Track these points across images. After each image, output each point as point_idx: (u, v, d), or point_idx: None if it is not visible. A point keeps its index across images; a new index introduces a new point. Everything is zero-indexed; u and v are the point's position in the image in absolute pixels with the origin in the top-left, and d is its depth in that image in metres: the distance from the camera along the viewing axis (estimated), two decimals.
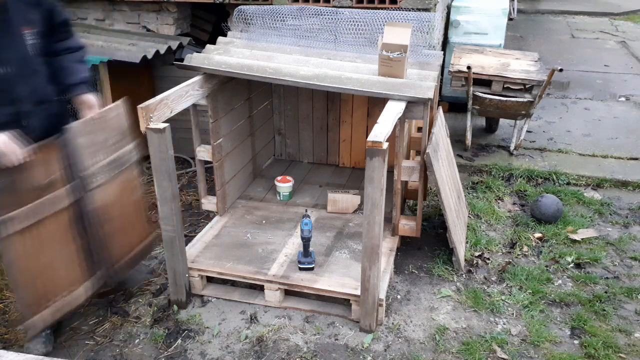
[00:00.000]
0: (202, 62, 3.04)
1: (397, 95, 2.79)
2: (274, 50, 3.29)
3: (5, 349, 2.29)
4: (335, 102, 4.01)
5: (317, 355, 2.62)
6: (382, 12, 3.34)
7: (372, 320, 2.73)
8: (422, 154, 2.99)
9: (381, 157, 2.37)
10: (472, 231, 3.59)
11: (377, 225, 2.50)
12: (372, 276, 2.61)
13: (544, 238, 3.55)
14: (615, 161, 4.52)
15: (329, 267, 2.98)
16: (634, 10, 10.43)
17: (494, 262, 3.31)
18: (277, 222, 3.43)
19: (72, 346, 2.71)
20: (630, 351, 2.65)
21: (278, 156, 4.37)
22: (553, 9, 10.50)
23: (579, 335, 2.76)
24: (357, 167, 4.15)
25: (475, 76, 4.22)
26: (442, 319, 2.86)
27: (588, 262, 3.31)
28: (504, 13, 4.96)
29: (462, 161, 4.45)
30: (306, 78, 2.89)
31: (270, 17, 3.41)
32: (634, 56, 7.56)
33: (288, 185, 3.70)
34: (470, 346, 2.66)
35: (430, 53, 3.22)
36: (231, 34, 3.55)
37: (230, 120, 3.44)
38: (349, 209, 3.53)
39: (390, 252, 3.13)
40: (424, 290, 3.08)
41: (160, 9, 4.64)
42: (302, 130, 4.20)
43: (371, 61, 3.08)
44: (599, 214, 3.83)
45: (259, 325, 2.80)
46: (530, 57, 4.64)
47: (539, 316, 2.88)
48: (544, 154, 4.66)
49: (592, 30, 9.06)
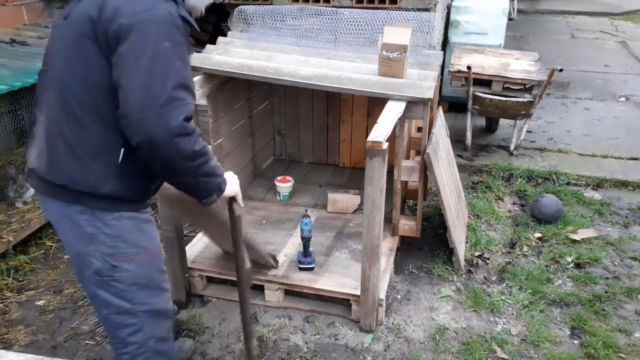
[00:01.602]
0: (202, 62, 3.03)
1: (397, 95, 2.78)
2: (274, 50, 3.29)
3: (5, 349, 2.30)
4: (335, 102, 4.01)
5: (317, 355, 2.62)
6: (382, 12, 3.34)
7: (372, 320, 2.73)
8: (422, 154, 2.99)
9: (381, 157, 2.37)
10: (472, 231, 3.59)
11: (377, 225, 2.50)
12: (372, 276, 2.61)
13: (544, 238, 3.55)
14: (615, 161, 4.52)
15: (329, 267, 2.98)
16: (634, 10, 10.43)
17: (494, 262, 3.31)
18: (277, 222, 3.43)
19: (72, 346, 2.71)
20: (630, 351, 2.65)
21: (278, 156, 4.37)
22: (553, 9, 10.50)
23: (579, 335, 2.76)
24: (357, 167, 4.15)
25: (475, 76, 4.22)
26: (442, 319, 2.86)
27: (588, 262, 3.31)
28: (504, 13, 4.96)
29: (462, 161, 4.45)
30: (306, 78, 2.89)
31: (270, 17, 3.41)
32: (634, 56, 7.56)
33: (288, 185, 3.70)
34: (470, 346, 2.66)
35: (430, 53, 3.22)
36: (231, 34, 3.55)
37: (230, 120, 3.44)
38: (349, 209, 3.53)
39: (390, 252, 3.13)
40: (424, 290, 3.08)
41: None
42: (302, 130, 4.20)
43: (371, 61, 3.08)
44: (599, 214, 3.83)
45: (259, 325, 2.80)
46: (530, 57, 4.64)
47: (539, 316, 2.88)
48: (544, 154, 4.66)
49: (592, 30, 9.07)
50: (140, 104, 1.53)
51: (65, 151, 1.66)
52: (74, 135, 1.65)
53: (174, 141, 1.54)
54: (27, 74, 3.40)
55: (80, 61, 1.63)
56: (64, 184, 1.68)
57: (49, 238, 3.54)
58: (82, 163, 1.66)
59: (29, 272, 3.27)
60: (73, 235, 1.76)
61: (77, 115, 1.64)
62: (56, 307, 2.98)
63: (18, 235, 3.31)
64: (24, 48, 4.02)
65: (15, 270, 3.24)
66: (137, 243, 1.80)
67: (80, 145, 1.65)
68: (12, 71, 3.46)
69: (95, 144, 1.66)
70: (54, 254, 3.44)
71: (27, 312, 2.94)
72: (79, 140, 1.65)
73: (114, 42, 1.57)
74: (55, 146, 1.67)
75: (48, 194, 1.74)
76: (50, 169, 1.69)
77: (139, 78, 1.54)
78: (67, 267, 3.33)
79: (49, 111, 1.70)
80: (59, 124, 1.67)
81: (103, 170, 1.67)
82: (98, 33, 1.59)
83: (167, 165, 1.61)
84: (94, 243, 1.74)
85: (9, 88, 3.19)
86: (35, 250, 3.43)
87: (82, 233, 1.73)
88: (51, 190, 1.72)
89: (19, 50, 3.95)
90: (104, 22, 1.58)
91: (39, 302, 3.02)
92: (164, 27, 1.59)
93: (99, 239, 1.73)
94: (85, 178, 1.67)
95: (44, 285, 3.15)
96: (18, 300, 3.03)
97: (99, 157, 1.66)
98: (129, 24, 1.55)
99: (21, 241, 3.36)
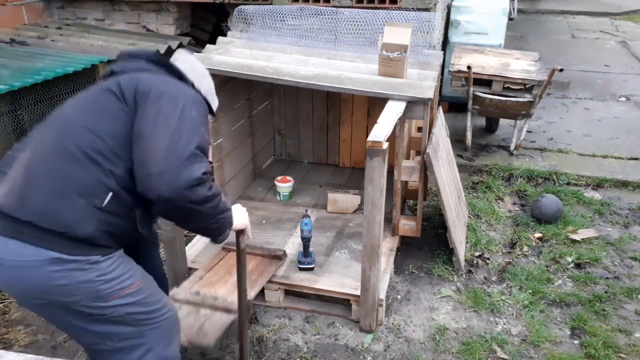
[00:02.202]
0: (202, 62, 3.02)
1: (397, 95, 2.78)
2: (274, 50, 3.29)
3: (5, 349, 2.30)
4: (335, 102, 4.01)
5: (317, 355, 2.62)
6: (382, 12, 3.34)
7: (372, 320, 2.73)
8: (422, 154, 2.99)
9: (381, 157, 2.37)
10: (472, 231, 3.59)
11: (377, 225, 2.50)
12: (372, 276, 2.61)
13: (544, 238, 3.55)
14: (616, 161, 4.52)
15: (329, 267, 2.98)
16: (634, 10, 10.42)
17: (494, 262, 3.30)
18: (277, 222, 3.43)
19: (72, 346, 2.70)
20: (631, 351, 2.64)
21: (278, 156, 4.37)
22: (553, 9, 10.50)
23: (579, 335, 2.76)
24: (357, 167, 4.15)
25: (476, 76, 4.22)
26: (442, 319, 2.86)
27: (588, 262, 3.31)
28: (504, 13, 4.96)
29: (462, 161, 4.45)
30: (306, 78, 2.89)
31: (270, 17, 3.41)
32: (634, 56, 7.56)
33: (288, 185, 3.70)
34: (470, 346, 2.66)
35: (430, 53, 3.22)
36: (231, 34, 3.55)
37: (230, 120, 3.44)
38: (349, 209, 3.53)
39: (390, 252, 3.12)
40: (424, 290, 3.08)
41: (160, 8, 4.65)
42: (302, 130, 4.20)
43: (371, 61, 3.08)
44: (599, 214, 3.83)
45: (258, 325, 2.80)
46: (531, 57, 4.63)
47: (539, 316, 2.87)
48: (544, 154, 4.66)
49: (593, 30, 9.06)
50: (165, 156, 1.58)
51: (46, 186, 1.59)
52: (65, 171, 1.61)
53: (194, 190, 1.59)
54: (27, 74, 3.40)
55: (98, 109, 1.70)
56: (31, 220, 1.56)
57: None
58: (64, 199, 1.59)
59: None
60: (44, 285, 1.61)
61: (74, 152, 1.62)
62: None
63: None
64: (23, 48, 4.02)
65: None
66: (121, 278, 1.72)
67: (68, 181, 1.60)
68: (11, 71, 3.46)
69: (85, 182, 1.61)
70: None
71: (27, 312, 2.93)
72: (68, 176, 1.61)
73: (142, 99, 1.69)
74: (34, 180, 1.61)
75: (10, 233, 1.59)
76: (19, 204, 1.59)
77: (165, 133, 1.62)
78: None
79: (38, 147, 1.67)
80: (49, 159, 1.63)
81: (86, 210, 1.60)
82: (126, 94, 1.71)
83: (184, 212, 1.63)
84: (72, 294, 1.62)
85: (8, 88, 3.19)
86: None
87: (56, 286, 1.61)
88: (15, 229, 1.58)
89: (18, 50, 3.96)
90: (133, 88, 1.72)
91: None
92: (191, 100, 1.76)
93: (78, 288, 1.62)
94: (59, 216, 1.58)
95: None
96: None
97: (86, 196, 1.60)
98: (159, 90, 1.71)
99: None
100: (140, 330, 1.79)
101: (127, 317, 1.75)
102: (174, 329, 1.95)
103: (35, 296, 1.64)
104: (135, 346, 1.80)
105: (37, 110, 3.99)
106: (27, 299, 1.69)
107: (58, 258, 1.57)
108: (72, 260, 1.59)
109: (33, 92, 3.83)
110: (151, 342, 1.83)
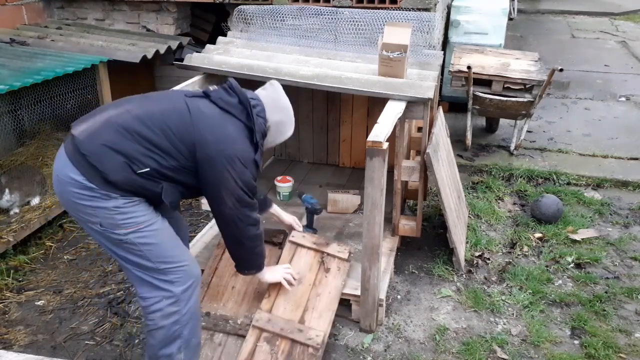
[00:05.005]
0: (202, 62, 3.03)
1: (397, 95, 2.78)
2: (274, 50, 3.29)
3: (5, 349, 2.30)
4: (335, 102, 4.01)
5: None
6: (382, 12, 3.34)
7: (372, 321, 2.73)
8: (422, 154, 2.99)
9: (381, 157, 2.37)
10: (472, 231, 3.59)
11: (377, 225, 2.50)
12: (372, 276, 2.60)
13: (544, 238, 3.55)
14: (616, 161, 4.52)
15: None
16: (634, 10, 10.42)
17: (494, 262, 3.30)
18: (277, 223, 3.41)
19: (72, 346, 2.71)
20: (631, 351, 2.64)
21: (278, 156, 4.36)
22: (553, 9, 10.49)
23: (579, 335, 2.76)
24: (357, 167, 4.14)
25: (476, 76, 4.22)
26: (442, 319, 2.86)
27: (588, 262, 3.31)
28: (504, 13, 4.96)
29: (462, 161, 4.45)
30: (306, 78, 2.89)
31: (270, 17, 3.41)
32: (634, 56, 7.56)
33: (288, 185, 3.69)
34: (470, 346, 2.66)
35: (430, 53, 3.22)
36: (231, 33, 3.55)
37: None
38: (349, 209, 3.53)
39: (390, 252, 3.12)
40: (424, 290, 3.08)
41: (160, 8, 4.64)
42: (302, 130, 4.20)
43: (371, 61, 3.08)
44: (599, 214, 3.83)
45: None
46: (531, 57, 4.63)
47: (539, 316, 2.87)
48: (544, 154, 4.66)
49: (593, 30, 9.06)
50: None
51: (108, 137, 1.98)
52: (126, 138, 1.99)
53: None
54: (27, 74, 3.40)
55: (178, 116, 2.07)
56: (86, 154, 1.97)
57: (48, 238, 3.54)
58: (113, 152, 1.97)
59: (29, 272, 3.27)
60: (75, 203, 2.04)
61: (144, 134, 2.00)
62: (56, 307, 2.98)
63: (18, 235, 3.31)
64: (23, 48, 4.01)
65: (15, 270, 3.24)
66: (134, 216, 2.05)
67: (124, 146, 1.98)
68: (11, 71, 3.45)
69: (134, 154, 1.99)
70: (54, 254, 3.44)
71: (27, 312, 2.94)
72: (126, 143, 1.99)
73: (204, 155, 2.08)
74: (104, 130, 2.01)
75: (71, 157, 2.02)
76: (86, 139, 1.99)
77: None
78: (66, 267, 3.33)
79: (122, 113, 2.05)
80: (124, 124, 2.00)
81: (123, 167, 1.98)
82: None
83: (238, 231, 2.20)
84: (95, 215, 2.02)
85: (8, 88, 3.18)
86: (35, 251, 3.43)
87: (83, 205, 2.02)
88: (75, 156, 2.00)
89: (18, 50, 3.95)
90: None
91: (39, 302, 3.02)
92: (244, 163, 2.11)
93: (98, 213, 2.01)
94: (103, 161, 1.97)
95: (43, 286, 3.15)
96: (18, 300, 3.03)
97: (127, 159, 1.99)
98: (220, 150, 2.07)
99: (21, 241, 3.36)
100: (159, 269, 2.09)
101: (145, 251, 2.07)
102: (195, 281, 2.19)
103: (72, 210, 2.08)
104: (157, 287, 2.11)
105: (37, 110, 3.99)
106: (70, 211, 2.12)
107: (90, 187, 1.98)
108: (98, 191, 1.99)
109: (33, 92, 3.83)
110: (173, 289, 2.11)
